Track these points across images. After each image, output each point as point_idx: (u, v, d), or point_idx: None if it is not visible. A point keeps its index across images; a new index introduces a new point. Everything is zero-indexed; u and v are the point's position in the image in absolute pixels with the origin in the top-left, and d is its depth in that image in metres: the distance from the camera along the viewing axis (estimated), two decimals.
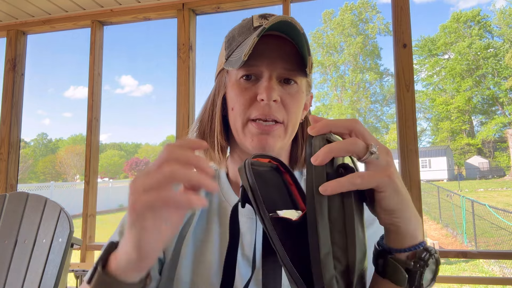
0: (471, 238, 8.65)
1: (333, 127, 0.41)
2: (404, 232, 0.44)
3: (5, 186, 2.58)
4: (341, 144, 0.39)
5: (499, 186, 22.72)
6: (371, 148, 0.40)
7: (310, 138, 0.41)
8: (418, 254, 0.44)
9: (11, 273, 1.58)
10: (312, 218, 0.38)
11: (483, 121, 40.47)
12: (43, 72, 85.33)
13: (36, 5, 2.50)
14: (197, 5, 2.37)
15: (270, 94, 0.60)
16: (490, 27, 40.68)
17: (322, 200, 0.38)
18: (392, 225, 0.43)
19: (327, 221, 0.38)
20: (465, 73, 39.93)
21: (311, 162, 0.39)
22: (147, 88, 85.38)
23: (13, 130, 2.66)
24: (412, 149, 1.99)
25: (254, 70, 0.62)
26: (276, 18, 0.57)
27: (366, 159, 0.40)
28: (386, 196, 0.41)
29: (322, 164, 0.39)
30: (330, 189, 0.38)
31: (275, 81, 0.62)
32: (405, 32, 2.07)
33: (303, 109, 0.70)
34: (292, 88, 0.64)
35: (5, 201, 1.72)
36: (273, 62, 0.61)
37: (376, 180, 0.40)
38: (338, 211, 0.39)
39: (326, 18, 48.95)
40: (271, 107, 0.61)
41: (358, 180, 0.39)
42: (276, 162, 0.50)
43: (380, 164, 0.41)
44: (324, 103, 49.23)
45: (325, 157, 0.38)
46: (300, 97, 0.65)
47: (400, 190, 0.41)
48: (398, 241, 0.45)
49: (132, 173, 51.70)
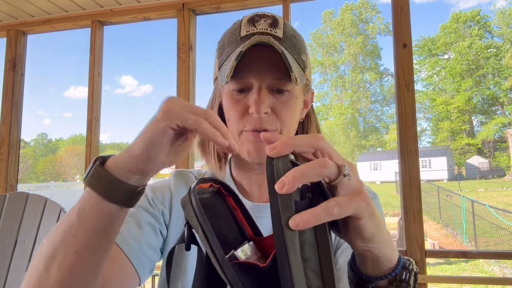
0: (471, 238, 8.65)
1: (296, 146, 0.35)
2: (381, 259, 0.41)
3: (5, 186, 2.58)
4: (311, 167, 0.34)
5: (499, 186, 22.72)
6: (343, 170, 0.35)
7: (270, 160, 0.34)
8: (399, 276, 0.42)
9: (11, 273, 1.58)
10: (284, 260, 0.32)
11: (483, 121, 40.49)
12: (43, 72, 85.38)
13: (36, 5, 2.50)
14: (197, 5, 2.37)
15: (259, 108, 0.60)
16: (490, 27, 40.71)
17: (294, 237, 0.32)
18: (369, 251, 0.40)
19: (300, 262, 0.33)
20: (465, 73, 39.94)
21: (276, 190, 0.32)
22: (147, 88, 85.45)
23: (13, 130, 2.66)
24: (412, 149, 1.99)
25: (244, 82, 0.63)
26: (251, 41, 0.58)
27: (338, 182, 0.35)
28: (363, 223, 0.37)
29: (289, 192, 0.32)
30: (303, 224, 0.32)
31: (266, 92, 0.62)
32: (405, 32, 2.07)
33: (303, 107, 0.71)
34: (284, 97, 0.64)
35: (5, 201, 1.72)
36: (262, 72, 0.61)
37: (353, 206, 0.35)
38: (311, 247, 0.33)
39: (326, 18, 48.97)
40: (262, 119, 0.62)
41: (336, 210, 0.34)
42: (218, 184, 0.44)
43: (352, 186, 0.36)
44: (324, 103, 49.27)
45: (293, 184, 0.32)
46: (294, 103, 0.65)
47: (375, 213, 0.38)
48: (377, 269, 0.42)
49: None
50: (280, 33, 0.63)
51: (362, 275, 0.43)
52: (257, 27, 0.63)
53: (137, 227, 0.63)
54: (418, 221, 1.94)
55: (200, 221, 0.36)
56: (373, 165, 31.91)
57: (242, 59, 0.58)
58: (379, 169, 31.53)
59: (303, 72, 0.63)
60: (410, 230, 1.94)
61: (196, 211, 0.37)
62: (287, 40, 0.63)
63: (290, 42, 0.63)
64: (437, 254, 3.91)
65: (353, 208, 0.35)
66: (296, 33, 0.66)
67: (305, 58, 0.65)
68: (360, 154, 37.30)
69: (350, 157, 43.53)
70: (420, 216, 1.94)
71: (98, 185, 0.43)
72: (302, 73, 0.62)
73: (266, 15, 0.65)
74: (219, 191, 0.44)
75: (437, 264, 7.07)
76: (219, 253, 0.35)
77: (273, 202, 0.33)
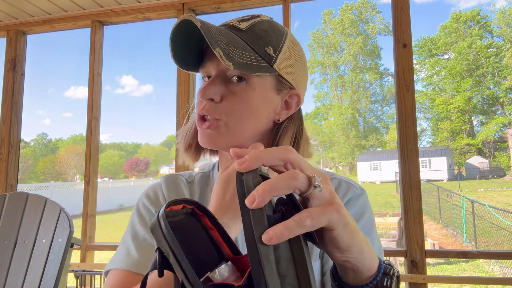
0: (471, 238, 8.65)
1: (265, 160, 0.35)
2: (361, 268, 0.41)
3: (5, 186, 2.58)
4: (280, 180, 0.33)
5: (499, 186, 22.72)
6: (314, 181, 0.35)
7: (240, 176, 0.34)
8: (380, 283, 0.42)
9: (11, 273, 1.58)
10: (260, 278, 0.31)
11: (483, 121, 40.48)
12: (43, 72, 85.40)
13: (36, 5, 2.50)
14: (197, 5, 2.37)
15: (204, 93, 0.61)
16: (490, 27, 40.70)
17: (268, 252, 0.31)
18: (347, 262, 0.40)
19: (277, 278, 0.31)
20: (465, 73, 39.94)
21: (246, 206, 0.32)
22: (147, 88, 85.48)
23: (13, 130, 2.66)
24: (412, 149, 1.99)
25: (205, 71, 0.65)
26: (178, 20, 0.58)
27: (309, 193, 0.35)
28: (337, 234, 0.36)
29: (260, 206, 0.32)
30: (276, 238, 0.31)
31: (219, 79, 0.63)
32: (405, 32, 2.07)
33: (284, 108, 0.67)
34: (238, 86, 0.62)
35: (5, 201, 1.72)
36: (217, 59, 0.62)
37: (326, 217, 0.35)
38: (287, 262, 0.32)
39: (326, 18, 48.96)
40: (207, 105, 0.63)
41: (308, 222, 0.33)
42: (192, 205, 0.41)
43: (324, 197, 0.36)
44: (324, 103, 49.25)
45: (263, 197, 0.32)
46: (248, 95, 0.62)
47: (349, 223, 0.37)
48: (357, 278, 0.42)
49: (132, 173, 51.68)
50: (245, 25, 0.62)
51: (344, 285, 0.43)
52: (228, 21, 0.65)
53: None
54: (418, 221, 1.94)
55: (171, 245, 0.35)
56: (373, 165, 31.89)
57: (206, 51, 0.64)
58: (379, 169, 31.51)
59: (267, 64, 0.61)
60: (410, 230, 1.94)
61: (165, 235, 0.35)
62: (250, 32, 0.62)
63: (252, 33, 0.61)
64: (437, 254, 3.91)
65: (326, 219, 0.35)
66: (273, 30, 0.64)
67: (274, 53, 0.62)
68: (360, 154, 37.28)
69: (350, 157, 43.53)
70: (420, 216, 1.94)
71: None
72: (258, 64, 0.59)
73: (250, 14, 0.65)
74: (193, 212, 0.41)
75: (437, 264, 7.07)
76: (192, 277, 0.33)
77: (244, 217, 0.32)
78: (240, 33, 0.61)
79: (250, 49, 0.60)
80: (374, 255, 0.43)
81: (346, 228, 0.37)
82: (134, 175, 50.21)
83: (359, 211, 0.68)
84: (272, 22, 0.66)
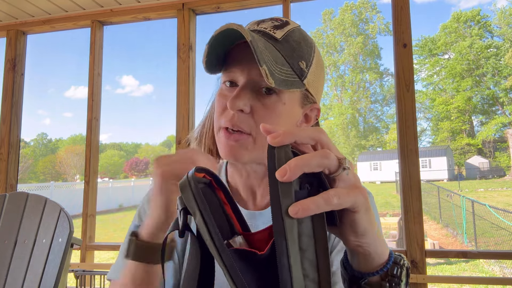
0: (471, 238, 8.65)
1: (298, 137, 0.35)
2: (373, 255, 0.41)
3: (5, 186, 2.58)
4: (314, 157, 0.34)
5: (499, 186, 22.72)
6: (344, 163, 0.36)
7: (271, 149, 0.34)
8: (390, 271, 0.43)
9: (11, 273, 1.58)
10: (283, 249, 0.32)
11: (483, 121, 40.49)
12: (43, 72, 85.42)
13: (36, 5, 2.50)
14: (197, 5, 2.37)
15: (234, 103, 0.58)
16: (490, 27, 40.70)
17: (293, 225, 0.32)
18: (360, 247, 0.40)
19: (298, 251, 0.33)
20: (465, 73, 39.94)
21: (276, 178, 0.32)
22: (147, 88, 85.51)
23: (13, 130, 2.66)
24: (412, 149, 1.99)
25: (231, 75, 0.62)
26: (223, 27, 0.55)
27: (338, 174, 0.36)
28: (359, 217, 0.37)
29: (291, 180, 0.32)
30: (302, 211, 0.32)
31: (249, 90, 0.60)
32: (405, 32, 2.07)
33: (304, 121, 0.68)
34: (268, 99, 0.60)
35: (5, 201, 1.72)
36: (249, 68, 0.59)
37: (352, 198, 0.36)
38: (308, 237, 0.33)
39: (326, 18, 48.98)
40: (236, 117, 0.60)
41: (335, 200, 0.34)
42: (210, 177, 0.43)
43: (350, 180, 0.37)
44: (324, 103, 49.24)
45: (295, 171, 0.32)
46: (278, 109, 0.61)
47: (370, 209, 0.39)
48: (368, 265, 0.42)
49: (132, 173, 51.70)
50: (280, 34, 0.60)
51: (354, 272, 0.44)
52: (259, 25, 0.62)
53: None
54: (418, 221, 1.94)
55: (199, 206, 0.36)
56: (373, 165, 31.90)
57: (235, 52, 0.60)
58: (379, 169, 31.52)
59: (299, 79, 0.61)
60: (410, 230, 1.94)
61: (195, 195, 0.37)
62: (285, 43, 0.60)
63: (288, 45, 0.60)
64: (437, 254, 3.91)
65: (351, 200, 0.36)
66: (305, 42, 0.63)
67: (306, 67, 0.62)
68: (360, 154, 37.29)
69: (350, 157, 43.50)
70: (420, 216, 1.94)
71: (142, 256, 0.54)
72: (293, 80, 0.59)
73: (279, 19, 0.63)
74: (211, 184, 0.43)
75: (437, 264, 7.07)
76: (217, 238, 0.35)
77: (273, 190, 0.33)
78: (276, 44, 0.59)
79: (286, 64, 0.59)
80: (385, 245, 0.43)
81: (367, 213, 0.38)
82: (134, 175, 50.21)
83: None
84: (302, 32, 0.65)
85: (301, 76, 0.61)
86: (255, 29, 0.61)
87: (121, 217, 14.92)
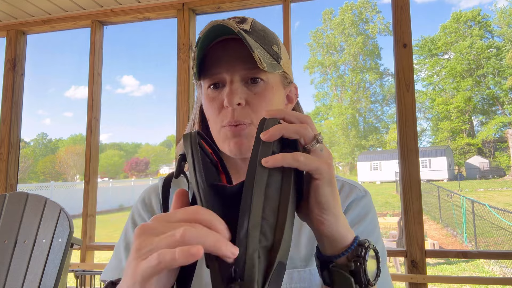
0: (471, 238, 8.65)
1: (287, 115, 0.43)
2: (335, 235, 0.45)
3: (5, 186, 2.58)
4: (292, 125, 0.41)
5: (499, 186, 22.72)
6: (318, 136, 0.43)
7: (263, 120, 0.42)
8: (355, 252, 0.46)
9: (11, 273, 1.58)
10: (249, 188, 0.37)
11: (483, 121, 40.48)
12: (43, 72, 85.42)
13: (36, 5, 2.50)
14: (197, 5, 2.37)
15: (231, 99, 0.60)
16: (490, 27, 40.68)
17: (263, 173, 0.38)
18: (323, 224, 0.44)
19: (262, 195, 0.38)
20: (465, 73, 39.93)
21: (260, 138, 0.40)
22: (148, 88, 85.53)
23: (13, 130, 2.66)
24: (412, 149, 1.99)
25: (217, 77, 0.62)
26: (207, 25, 0.57)
27: (312, 146, 0.42)
28: (320, 185, 0.42)
29: (271, 140, 0.40)
30: (272, 161, 0.38)
31: (239, 84, 0.61)
32: (405, 32, 2.07)
33: (288, 102, 0.70)
34: (258, 87, 0.62)
35: (5, 201, 1.72)
36: (232, 65, 0.61)
37: (317, 164, 0.41)
38: (275, 188, 0.39)
39: (326, 17, 48.96)
40: (236, 111, 0.61)
41: (301, 158, 0.40)
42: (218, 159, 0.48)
43: (322, 156, 0.43)
44: (324, 103, 49.26)
45: (275, 132, 0.40)
46: (269, 94, 0.63)
47: (334, 184, 0.43)
48: (333, 247, 0.46)
49: (132, 172, 51.68)
50: (247, 27, 0.62)
51: (324, 257, 0.47)
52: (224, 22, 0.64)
53: None
54: (418, 221, 1.94)
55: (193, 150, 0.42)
56: (373, 165, 31.89)
57: (211, 56, 0.61)
58: (379, 169, 31.50)
59: (277, 62, 0.63)
60: (410, 230, 1.94)
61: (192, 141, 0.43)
62: (255, 32, 0.62)
63: (257, 34, 0.62)
64: (437, 254, 3.91)
65: (316, 165, 0.41)
66: (267, 29, 0.66)
67: (278, 50, 0.64)
68: (360, 154, 37.25)
69: (350, 157, 43.51)
70: (420, 216, 1.94)
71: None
72: (274, 62, 0.62)
73: (236, 17, 0.65)
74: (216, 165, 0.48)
75: (437, 264, 7.07)
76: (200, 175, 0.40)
77: (254, 148, 0.40)
78: (248, 34, 0.61)
79: (264, 50, 0.62)
80: (349, 229, 0.47)
81: (330, 185, 0.43)
82: (134, 175, 50.23)
83: (362, 212, 0.67)
84: (260, 23, 0.67)
85: (277, 59, 0.64)
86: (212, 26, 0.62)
87: (121, 217, 14.92)
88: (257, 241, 0.36)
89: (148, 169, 53.77)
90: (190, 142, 0.43)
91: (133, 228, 0.68)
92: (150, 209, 0.69)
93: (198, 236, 0.33)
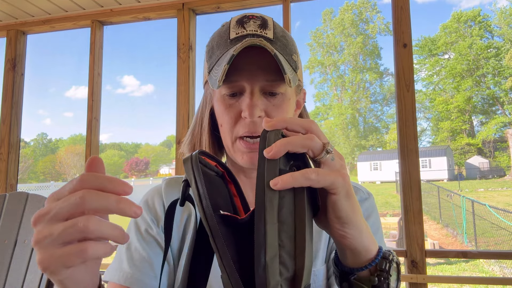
0: (471, 238, 8.65)
1: (289, 124, 0.39)
2: (359, 248, 0.42)
3: (5, 186, 2.58)
4: (298, 138, 0.37)
5: (499, 186, 22.71)
6: (327, 146, 0.39)
7: (264, 132, 0.38)
8: (379, 266, 0.43)
9: (11, 273, 1.58)
10: (261, 216, 0.34)
11: (483, 121, 40.49)
12: (43, 72, 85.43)
13: (36, 5, 2.50)
14: (197, 5, 2.37)
15: (252, 112, 0.58)
16: (490, 27, 40.68)
17: (273, 197, 0.35)
18: (345, 238, 0.41)
19: (276, 221, 0.35)
20: (465, 73, 39.94)
21: (264, 156, 0.36)
22: (148, 88, 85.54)
23: (13, 130, 2.66)
24: (412, 149, 1.99)
25: (236, 86, 0.61)
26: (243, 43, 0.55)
27: (321, 158, 0.38)
28: (338, 199, 0.39)
29: (276, 157, 0.36)
30: (282, 183, 0.35)
31: (258, 95, 0.60)
32: (405, 32, 2.07)
33: (296, 108, 0.70)
34: (277, 99, 0.62)
35: (5, 201, 1.72)
36: (254, 75, 0.59)
37: (331, 178, 0.37)
38: (288, 211, 0.36)
39: (326, 17, 48.97)
40: (256, 123, 0.60)
41: (313, 175, 0.36)
42: (223, 169, 0.45)
43: (334, 166, 0.39)
44: (324, 103, 49.29)
45: (279, 149, 0.36)
46: (287, 106, 0.63)
47: (352, 195, 0.40)
48: (356, 259, 0.43)
49: (132, 172, 51.69)
50: (271, 34, 0.61)
51: (344, 268, 0.44)
52: (246, 28, 0.61)
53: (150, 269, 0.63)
54: (418, 221, 1.94)
55: (195, 175, 0.39)
56: (373, 165, 31.89)
57: (233, 63, 0.57)
58: (379, 169, 31.51)
59: (295, 73, 0.62)
60: (410, 230, 1.94)
61: (193, 167, 0.39)
62: (278, 41, 0.61)
63: (281, 43, 0.61)
64: (437, 254, 3.91)
65: (330, 180, 0.37)
66: (286, 33, 0.64)
67: (296, 58, 0.64)
68: (360, 154, 37.25)
69: (350, 157, 43.51)
70: (420, 216, 1.94)
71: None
72: (294, 74, 0.61)
73: (254, 16, 0.63)
74: (223, 176, 0.45)
75: (437, 264, 7.07)
76: (206, 203, 0.37)
77: (260, 167, 0.36)
78: (272, 44, 0.60)
79: (287, 62, 0.60)
80: (373, 240, 0.44)
81: (348, 198, 0.39)
82: (134, 175, 50.24)
83: (365, 214, 0.68)
84: (277, 23, 0.65)
85: (296, 69, 0.63)
86: (248, 34, 0.60)
87: (121, 217, 14.90)
88: (277, 274, 0.34)
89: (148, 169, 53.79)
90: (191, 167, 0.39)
91: (135, 231, 0.67)
92: (153, 211, 0.68)
93: (99, 206, 0.33)
